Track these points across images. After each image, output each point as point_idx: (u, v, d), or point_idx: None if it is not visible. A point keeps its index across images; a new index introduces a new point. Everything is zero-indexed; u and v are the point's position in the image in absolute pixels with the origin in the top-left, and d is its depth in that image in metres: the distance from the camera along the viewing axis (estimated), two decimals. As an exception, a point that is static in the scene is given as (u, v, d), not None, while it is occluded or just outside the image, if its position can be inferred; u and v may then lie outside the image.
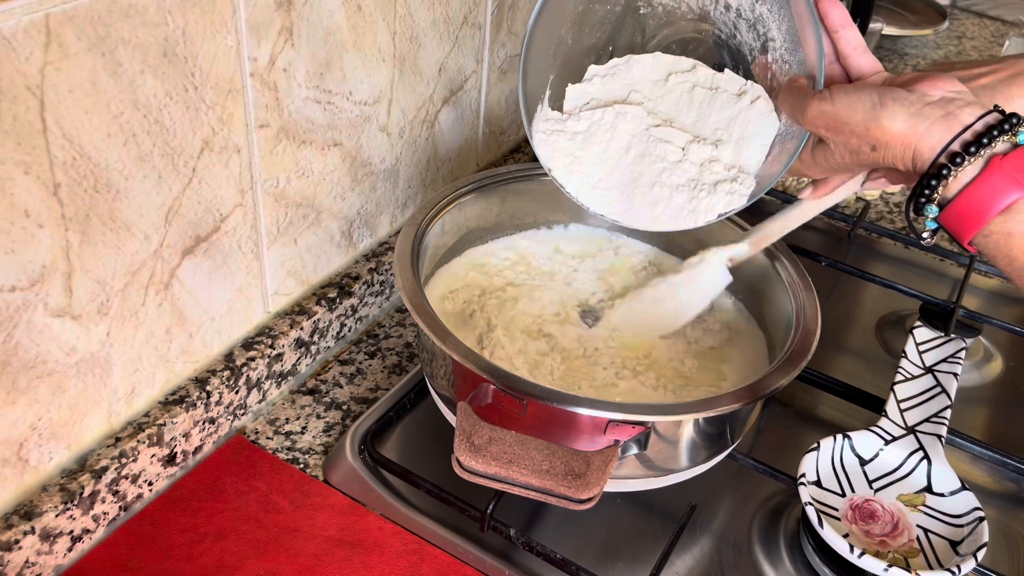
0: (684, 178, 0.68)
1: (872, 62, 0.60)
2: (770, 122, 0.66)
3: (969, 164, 0.51)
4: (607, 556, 0.67)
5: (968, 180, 0.51)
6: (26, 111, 0.50)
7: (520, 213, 0.83)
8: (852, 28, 0.60)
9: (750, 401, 0.61)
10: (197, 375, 0.70)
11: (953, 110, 0.52)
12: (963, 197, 0.51)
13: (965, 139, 0.51)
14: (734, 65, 0.69)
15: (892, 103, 0.53)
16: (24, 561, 0.59)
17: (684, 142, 0.68)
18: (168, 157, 0.60)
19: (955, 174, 0.51)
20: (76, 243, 0.56)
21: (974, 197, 0.51)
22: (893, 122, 0.53)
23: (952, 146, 0.51)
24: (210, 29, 0.60)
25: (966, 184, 0.51)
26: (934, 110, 0.52)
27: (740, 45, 0.68)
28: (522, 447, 0.57)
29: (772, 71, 0.66)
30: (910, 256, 1.05)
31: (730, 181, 0.67)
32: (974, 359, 0.89)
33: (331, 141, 0.75)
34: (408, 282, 0.67)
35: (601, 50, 0.71)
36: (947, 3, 1.72)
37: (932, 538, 0.66)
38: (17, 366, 0.56)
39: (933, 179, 0.52)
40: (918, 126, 0.52)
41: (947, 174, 0.51)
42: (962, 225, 0.52)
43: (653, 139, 0.69)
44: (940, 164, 0.51)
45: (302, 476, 0.71)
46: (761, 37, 0.66)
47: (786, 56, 0.64)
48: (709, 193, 0.67)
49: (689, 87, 0.69)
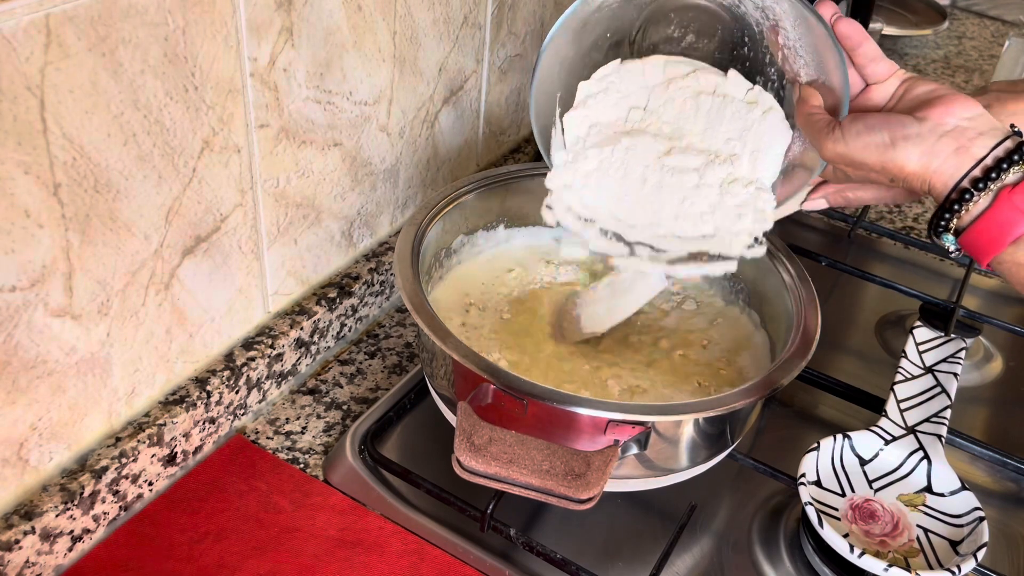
0: (706, 204, 0.67)
1: (887, 67, 0.60)
2: (783, 130, 0.65)
3: (979, 198, 0.52)
4: (607, 556, 0.67)
5: (979, 212, 0.53)
6: (26, 111, 0.50)
7: (520, 213, 0.83)
8: (869, 42, 0.60)
9: (750, 401, 0.61)
10: (197, 375, 0.70)
11: (965, 143, 0.53)
12: (975, 228, 0.53)
13: (974, 176, 0.52)
14: (742, 38, 0.67)
15: (904, 143, 0.54)
16: (24, 561, 0.59)
17: (699, 164, 0.66)
18: (168, 157, 0.60)
19: (967, 208, 0.53)
20: (76, 243, 0.56)
21: (985, 228, 0.53)
22: (907, 161, 0.54)
23: (963, 183, 0.53)
24: (210, 29, 0.60)
25: (977, 216, 0.53)
26: (946, 144, 0.53)
27: (745, 15, 0.66)
28: (522, 447, 0.57)
29: (784, 54, 0.64)
30: (910, 256, 1.05)
31: (753, 206, 0.66)
32: (974, 359, 0.89)
33: (331, 141, 0.75)
34: (408, 282, 0.67)
35: (600, 41, 0.70)
36: (947, 3, 1.72)
37: (932, 538, 0.66)
38: (17, 366, 0.56)
39: (947, 212, 0.54)
40: (931, 163, 0.53)
41: (959, 209, 0.53)
42: (977, 252, 0.54)
43: (667, 168, 0.67)
44: (952, 200, 0.53)
45: (302, 476, 0.71)
46: (770, 19, 0.64)
47: (800, 50, 0.63)
48: (734, 221, 0.66)
49: (693, 93, 0.67)
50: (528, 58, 1.01)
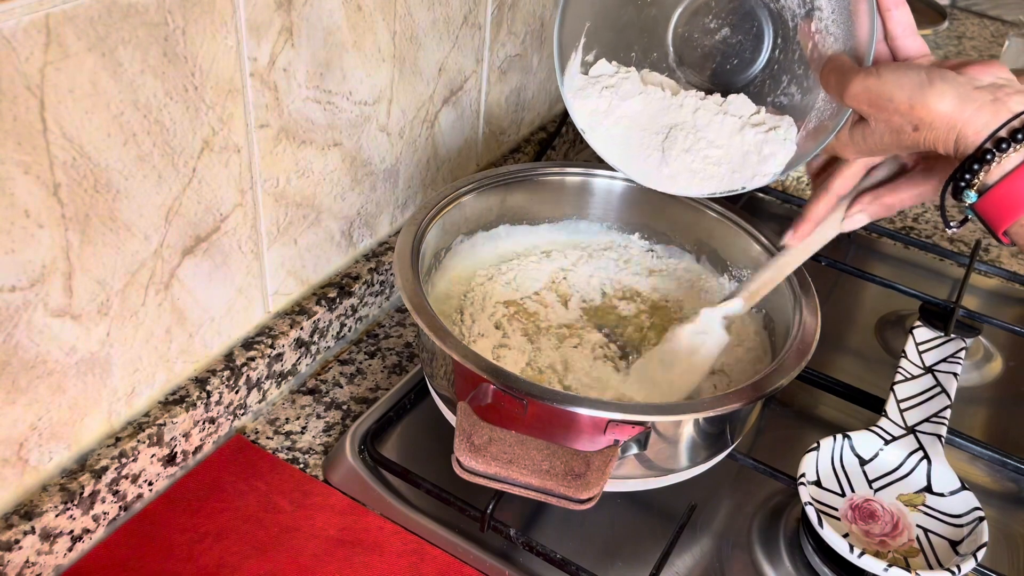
0: (732, 128, 0.67)
1: (920, 44, 0.59)
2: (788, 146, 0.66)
3: (1014, 152, 0.50)
4: (607, 556, 0.67)
5: (1011, 168, 0.51)
6: (26, 111, 0.50)
7: (520, 213, 0.83)
8: (904, 8, 0.58)
9: (750, 401, 0.61)
10: (197, 375, 0.70)
11: (1002, 96, 0.51)
12: (1003, 185, 0.51)
13: (1013, 126, 0.50)
14: (773, 30, 0.68)
15: (940, 82, 0.52)
16: (24, 561, 0.59)
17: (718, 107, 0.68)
18: (168, 157, 0.60)
19: (999, 159, 0.50)
20: (76, 243, 0.56)
21: (1014, 186, 0.51)
22: (940, 102, 0.52)
23: (999, 132, 0.50)
24: (210, 29, 0.60)
25: (1008, 172, 0.51)
26: (983, 94, 0.51)
27: (783, 10, 0.67)
28: (522, 447, 0.57)
29: (815, 40, 0.64)
30: (910, 256, 1.05)
31: (772, 129, 0.66)
32: (974, 359, 0.89)
33: (331, 141, 0.75)
34: (408, 282, 0.67)
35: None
36: (947, 3, 1.72)
37: (932, 538, 0.66)
38: (17, 366, 0.56)
39: (976, 163, 0.51)
40: (965, 109, 0.51)
41: (991, 159, 0.51)
42: (999, 213, 0.52)
43: (687, 107, 0.69)
44: (985, 149, 0.51)
45: (302, 476, 0.71)
46: (807, 4, 0.65)
47: (831, 28, 0.62)
48: (760, 147, 0.66)
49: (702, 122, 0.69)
50: (527, 58, 1.01)
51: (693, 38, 0.71)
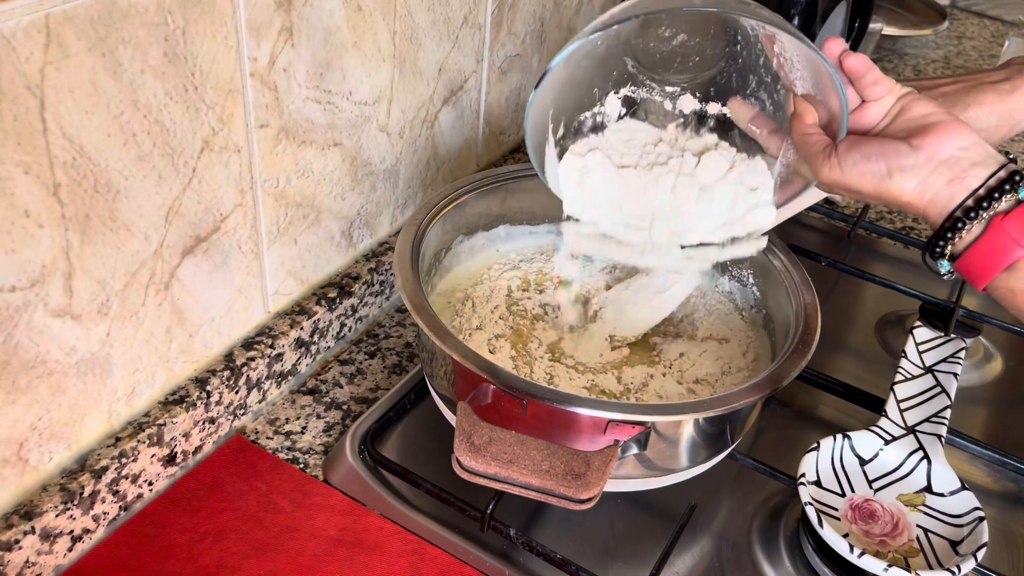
0: (712, 208, 0.69)
1: (886, 86, 0.60)
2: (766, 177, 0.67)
3: (972, 226, 0.54)
4: (607, 556, 0.67)
5: (972, 239, 0.54)
6: (26, 111, 0.50)
7: (520, 213, 0.83)
8: (874, 70, 0.59)
9: (750, 401, 0.61)
10: (197, 375, 0.70)
11: (959, 173, 0.54)
12: (969, 255, 0.55)
13: (967, 206, 0.54)
14: (731, 31, 0.67)
15: (899, 174, 0.55)
16: (24, 561, 0.59)
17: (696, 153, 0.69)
18: (168, 157, 0.60)
19: (960, 235, 0.54)
20: (76, 243, 0.56)
21: (978, 255, 0.54)
22: (902, 193, 0.55)
23: (956, 212, 0.54)
24: (210, 29, 0.60)
25: (970, 243, 0.54)
26: (941, 175, 0.54)
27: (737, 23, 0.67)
28: (522, 447, 0.57)
29: (780, 62, 0.64)
30: (910, 256, 1.05)
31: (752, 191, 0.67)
32: (974, 359, 0.89)
33: (331, 141, 0.75)
34: (408, 282, 0.67)
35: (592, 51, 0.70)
36: (947, 3, 1.72)
37: (932, 538, 0.66)
38: (17, 366, 0.56)
39: (941, 240, 0.55)
40: (926, 194, 0.55)
41: (952, 237, 0.54)
42: (972, 277, 0.55)
43: (662, 156, 0.70)
44: (946, 227, 0.54)
45: (302, 476, 0.71)
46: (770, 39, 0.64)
47: (797, 64, 0.62)
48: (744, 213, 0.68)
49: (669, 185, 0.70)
50: (527, 58, 1.01)
51: (649, 47, 0.71)
